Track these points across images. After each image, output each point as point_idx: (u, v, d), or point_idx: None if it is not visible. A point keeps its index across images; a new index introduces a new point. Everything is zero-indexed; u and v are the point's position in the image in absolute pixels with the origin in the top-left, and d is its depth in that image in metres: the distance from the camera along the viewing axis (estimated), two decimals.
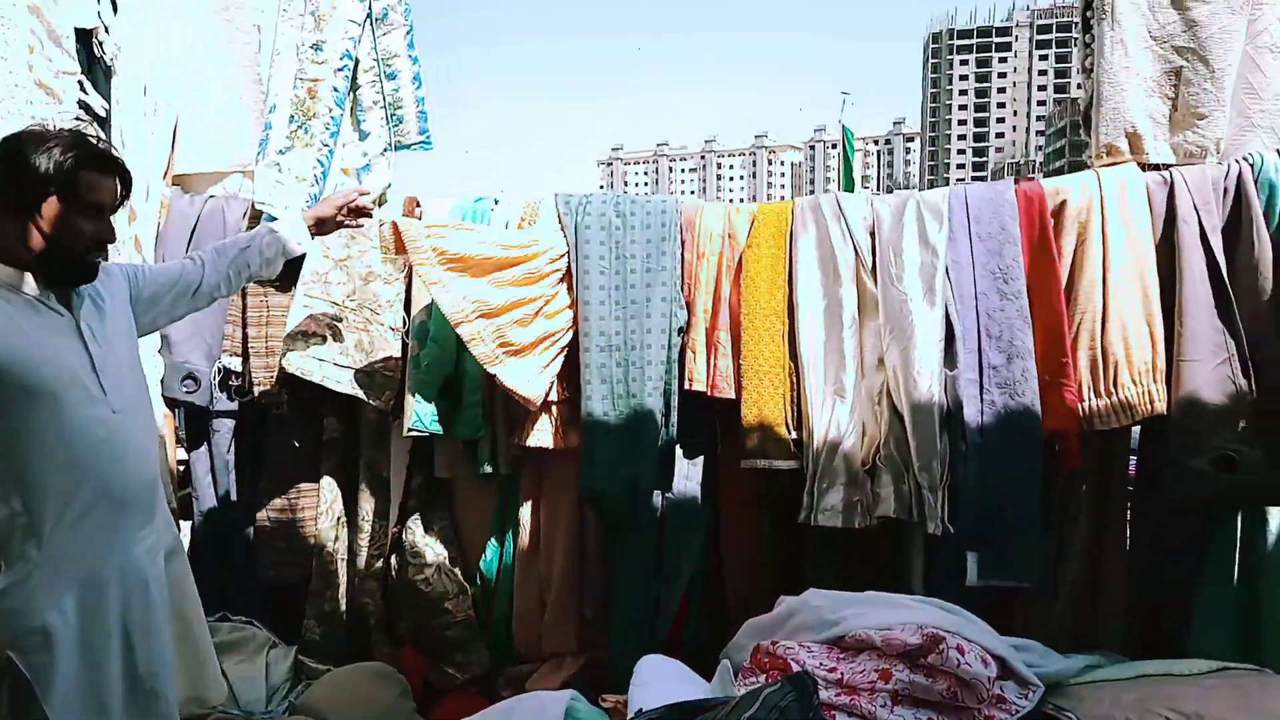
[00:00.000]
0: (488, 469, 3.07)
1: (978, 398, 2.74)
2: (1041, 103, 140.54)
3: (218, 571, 3.34)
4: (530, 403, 2.89)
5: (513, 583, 3.24)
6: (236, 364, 3.23)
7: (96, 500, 1.93)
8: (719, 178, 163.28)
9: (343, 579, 3.34)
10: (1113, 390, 2.65)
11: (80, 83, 2.98)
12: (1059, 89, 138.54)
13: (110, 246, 2.98)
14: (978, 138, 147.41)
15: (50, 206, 1.91)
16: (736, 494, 3.07)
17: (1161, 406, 2.63)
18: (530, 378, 2.86)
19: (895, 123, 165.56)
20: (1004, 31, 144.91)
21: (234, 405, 3.25)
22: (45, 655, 1.86)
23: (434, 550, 3.26)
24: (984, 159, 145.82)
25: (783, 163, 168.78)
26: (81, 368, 1.95)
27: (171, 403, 3.21)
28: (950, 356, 2.75)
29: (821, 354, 2.85)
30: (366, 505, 3.30)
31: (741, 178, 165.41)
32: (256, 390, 3.17)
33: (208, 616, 3.11)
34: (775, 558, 3.08)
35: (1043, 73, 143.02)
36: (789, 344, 2.88)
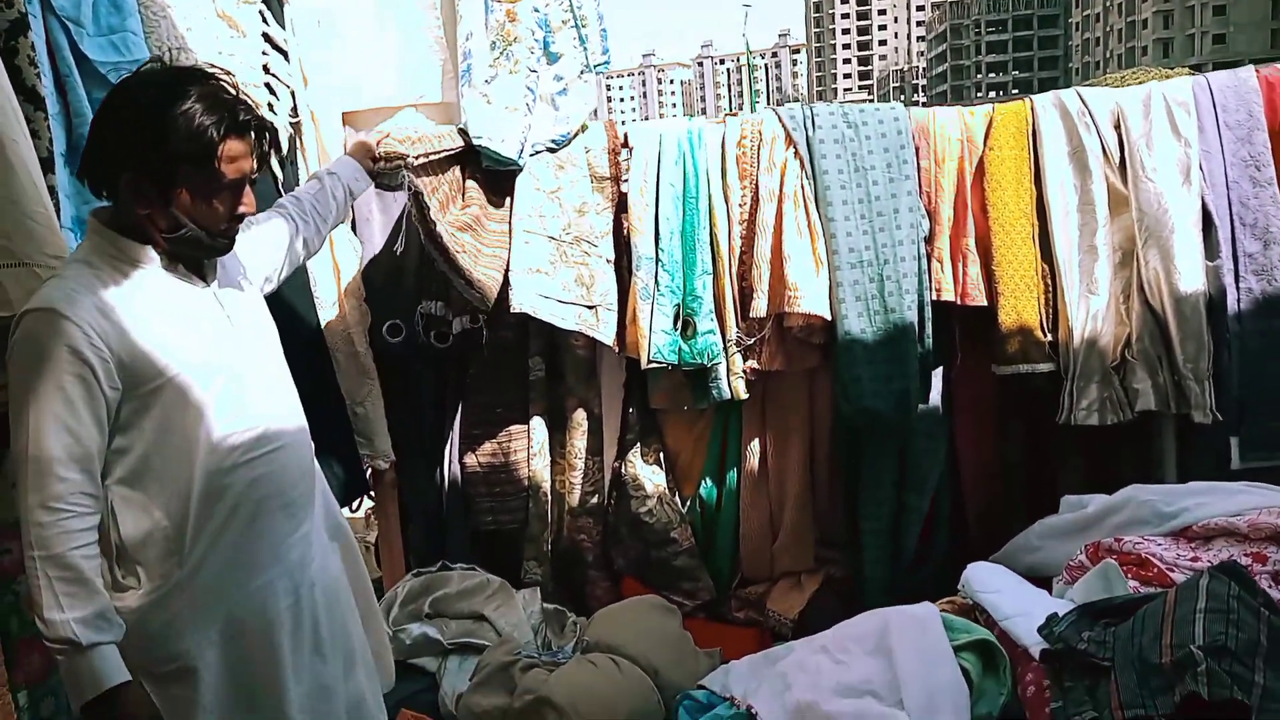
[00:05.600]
0: (725, 395, 2.99)
1: (1234, 286, 2.79)
2: (920, 8, 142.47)
3: (427, 521, 3.22)
4: (820, 319, 2.82)
5: (737, 507, 3.20)
6: (438, 308, 3.05)
7: (242, 502, 1.72)
8: (609, 99, 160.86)
9: (556, 519, 3.25)
10: None
11: (261, 13, 2.71)
12: None
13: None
14: (862, 47, 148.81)
15: (184, 187, 1.65)
16: (974, 403, 3.08)
17: None
18: (821, 292, 2.79)
19: (780, 35, 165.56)
20: None
21: (438, 349, 3.06)
22: (186, 690, 1.68)
23: (653, 482, 3.19)
24: (869, 68, 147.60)
25: (672, 81, 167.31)
26: (223, 348, 1.74)
27: (378, 353, 3.01)
28: (1209, 247, 2.79)
29: (1076, 252, 2.85)
30: (579, 442, 3.20)
31: (632, 98, 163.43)
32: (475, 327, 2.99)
33: (426, 567, 3.02)
34: (1013, 465, 3.11)
35: None
36: (1039, 245, 2.87)
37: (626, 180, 3.03)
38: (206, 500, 1.68)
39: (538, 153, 2.96)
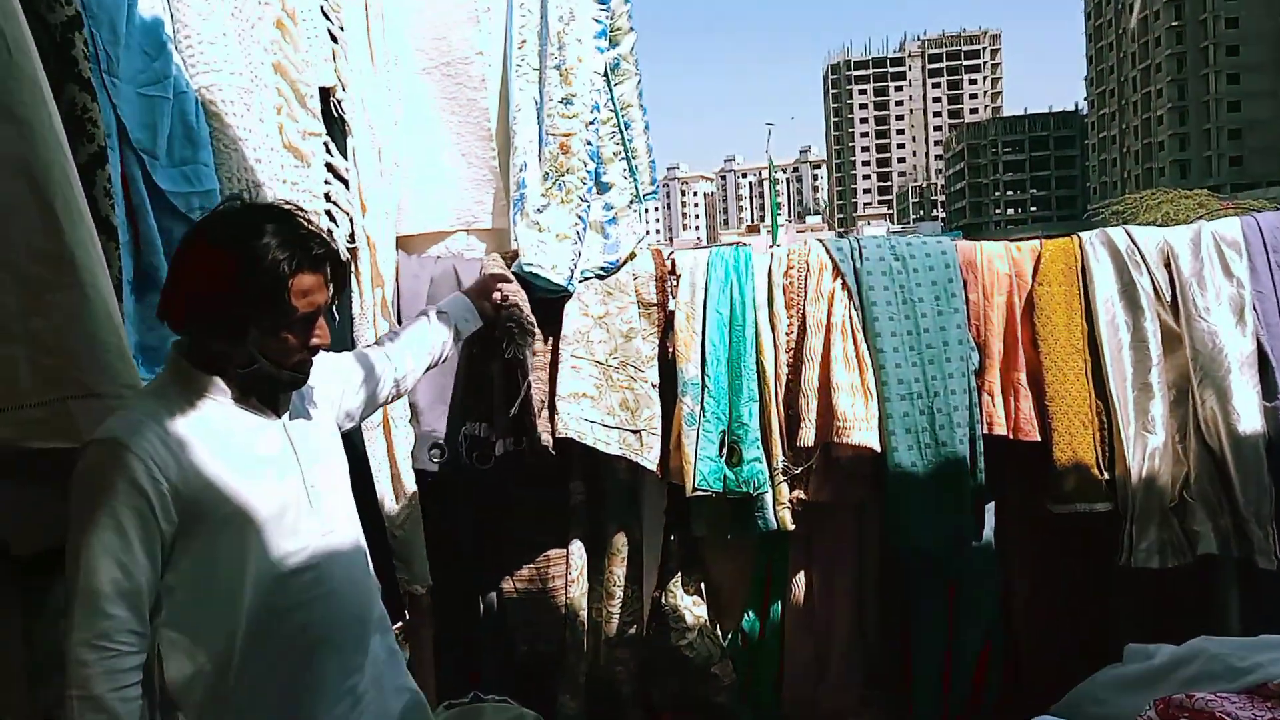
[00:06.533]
0: (771, 525, 2.93)
1: None
2: (938, 128, 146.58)
3: (461, 648, 3.13)
4: (870, 451, 2.78)
5: (780, 643, 3.10)
6: (482, 429, 3.04)
7: (291, 649, 1.66)
8: None
9: (592, 649, 3.15)
10: None
11: (325, 144, 2.79)
12: (953, 114, 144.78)
13: (358, 315, 2.78)
14: (880, 163, 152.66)
15: (255, 322, 1.64)
16: (1027, 540, 3.00)
17: None
18: (871, 424, 2.77)
19: (802, 151, 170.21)
20: (898, 62, 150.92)
21: (479, 470, 3.04)
22: None
23: (693, 613, 3.10)
24: (888, 184, 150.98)
25: (695, 193, 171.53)
26: (290, 486, 1.70)
27: (419, 474, 2.98)
28: (1267, 387, 2.75)
29: (1130, 389, 2.82)
30: (618, 570, 3.12)
31: (656, 209, 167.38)
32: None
33: (458, 698, 2.91)
34: (1069, 605, 3.01)
35: (936, 99, 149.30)
36: (1092, 381, 2.84)
37: (673, 306, 3.05)
38: (252, 644, 1.61)
39: (586, 279, 2.99)
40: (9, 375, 1.66)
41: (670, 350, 3.05)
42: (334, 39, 2.81)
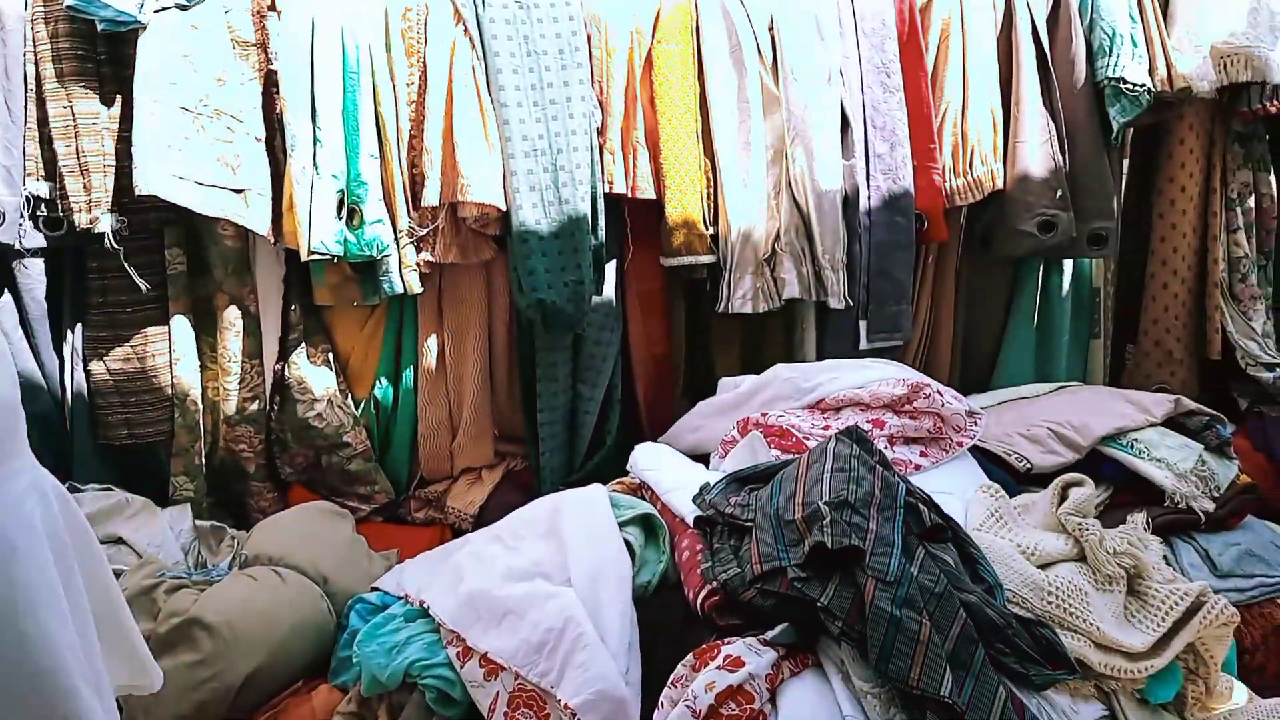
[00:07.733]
0: (397, 289, 2.84)
1: (865, 184, 3.08)
2: None
3: (48, 439, 2.81)
4: (494, 210, 2.72)
5: (414, 407, 3.10)
6: (47, 190, 2.60)
7: None
8: None
9: (211, 428, 2.97)
10: (968, 170, 3.12)
11: None
12: None
13: None
14: None
15: None
16: (644, 294, 3.17)
17: (1000, 182, 3.15)
18: (495, 182, 2.69)
19: None
20: None
21: (43, 241, 2.63)
22: None
23: (322, 384, 3.00)
24: None
25: None
26: None
27: None
28: (846, 147, 3.04)
29: (735, 149, 2.99)
30: (233, 345, 2.91)
31: None
32: (85, 219, 2.59)
33: None
34: (679, 352, 3.28)
35: None
36: (703, 140, 2.97)
37: (275, 48, 2.72)
38: None
39: (164, 10, 2.56)
40: None
41: (277, 101, 2.75)
42: None
